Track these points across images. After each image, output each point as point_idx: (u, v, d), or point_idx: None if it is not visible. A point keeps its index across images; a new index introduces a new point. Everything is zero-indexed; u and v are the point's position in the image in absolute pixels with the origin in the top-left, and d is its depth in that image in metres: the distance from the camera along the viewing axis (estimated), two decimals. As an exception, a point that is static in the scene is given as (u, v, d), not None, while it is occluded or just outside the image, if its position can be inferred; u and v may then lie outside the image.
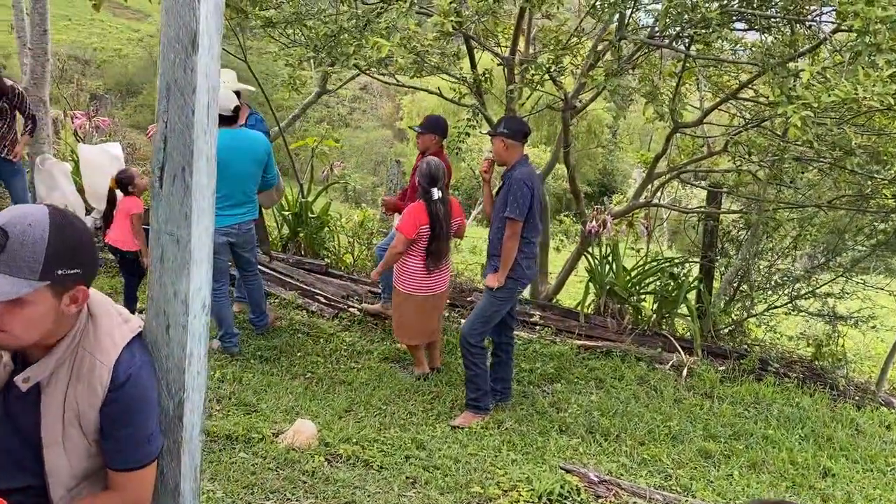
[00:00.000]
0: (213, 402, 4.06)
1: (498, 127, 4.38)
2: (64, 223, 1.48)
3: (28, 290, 1.41)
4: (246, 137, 4.65)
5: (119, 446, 1.59)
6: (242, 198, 4.65)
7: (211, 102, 1.62)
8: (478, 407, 4.38)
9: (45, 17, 6.41)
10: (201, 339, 1.74)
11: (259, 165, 4.68)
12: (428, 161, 4.77)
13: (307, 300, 5.96)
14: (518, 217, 4.16)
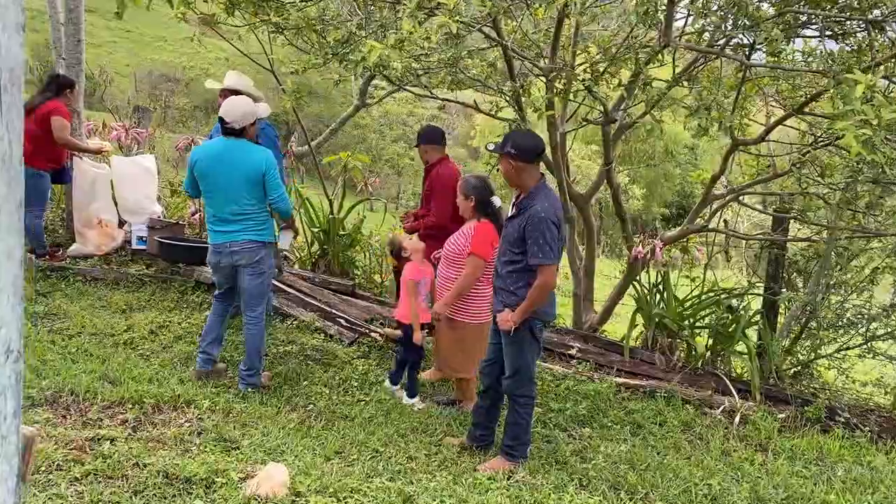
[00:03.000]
0: (192, 436, 3.72)
1: (505, 145, 3.72)
2: None
3: None
4: (239, 149, 4.24)
5: None
6: (231, 216, 4.27)
7: (6, 86, 1.24)
8: (513, 455, 3.89)
9: (79, 27, 6.34)
10: (7, 392, 1.35)
11: (251, 183, 4.22)
12: (467, 178, 4.47)
13: (327, 322, 5.60)
14: (551, 262, 3.61)
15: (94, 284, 5.81)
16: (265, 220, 4.38)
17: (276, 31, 4.73)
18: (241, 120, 4.23)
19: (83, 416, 3.76)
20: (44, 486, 2.99)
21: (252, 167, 4.20)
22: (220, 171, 4.21)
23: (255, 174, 4.20)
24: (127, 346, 4.79)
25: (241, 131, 4.26)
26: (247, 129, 4.28)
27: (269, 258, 4.44)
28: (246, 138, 4.28)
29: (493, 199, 4.46)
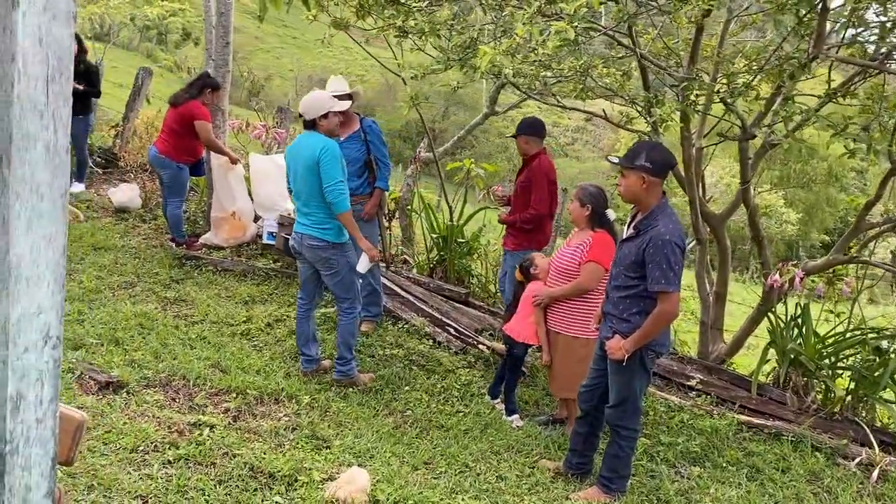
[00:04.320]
0: (287, 431, 3.78)
1: (636, 158, 3.44)
2: None
3: None
4: (307, 140, 4.33)
5: None
6: (302, 207, 4.39)
7: (54, 75, 1.25)
8: (610, 488, 3.67)
9: (227, 30, 6.70)
10: (44, 378, 1.37)
11: (309, 170, 4.24)
12: (585, 186, 4.32)
13: (436, 329, 5.56)
14: (673, 288, 3.35)
15: (223, 275, 6.10)
16: (327, 216, 4.32)
17: (401, 35, 4.76)
18: (309, 111, 4.31)
19: (190, 401, 3.92)
20: (138, 466, 3.12)
21: (310, 154, 4.23)
22: (293, 162, 4.36)
23: (312, 160, 4.22)
24: (243, 337, 4.96)
25: (313, 123, 4.33)
26: (318, 122, 4.33)
27: (341, 256, 4.41)
28: (319, 131, 4.33)
29: (608, 211, 4.27)
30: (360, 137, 5.06)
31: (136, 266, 5.92)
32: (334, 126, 4.37)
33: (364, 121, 5.07)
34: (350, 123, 5.04)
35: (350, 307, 4.47)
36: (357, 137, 5.06)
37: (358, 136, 5.06)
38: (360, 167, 5.06)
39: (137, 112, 9.33)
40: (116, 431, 3.35)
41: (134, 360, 4.25)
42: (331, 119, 4.31)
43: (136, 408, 3.68)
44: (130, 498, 2.89)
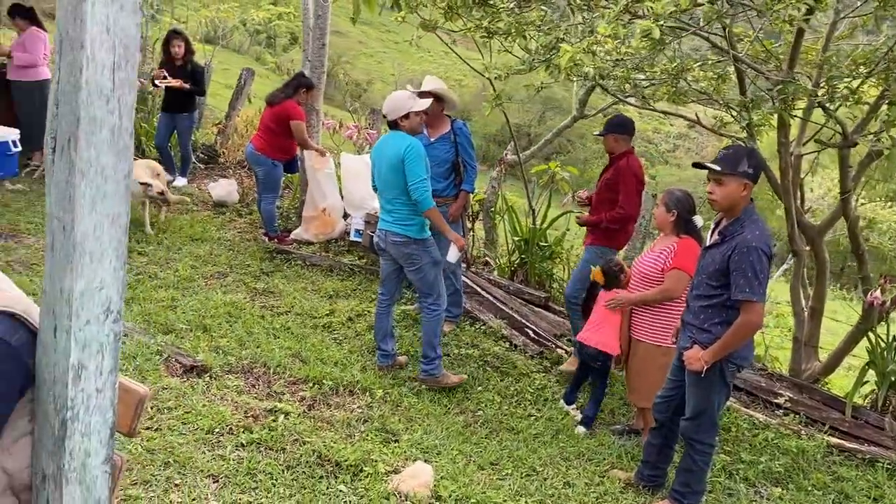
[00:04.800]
0: (358, 422, 3.85)
1: (738, 164, 3.24)
2: None
3: None
4: (391, 140, 4.39)
5: None
6: (386, 204, 4.46)
7: (120, 63, 1.32)
8: (681, 502, 3.55)
9: (324, 32, 6.90)
10: (105, 350, 1.45)
11: (393, 170, 4.29)
12: (672, 190, 4.20)
13: (514, 332, 5.53)
14: (758, 298, 3.19)
15: (311, 269, 6.27)
16: (410, 213, 4.36)
17: (487, 36, 4.76)
18: (391, 112, 4.37)
19: (268, 388, 4.05)
20: (213, 447, 3.25)
21: (394, 154, 4.28)
22: (378, 160, 4.45)
23: (397, 161, 4.26)
24: (324, 330, 5.09)
25: (395, 123, 4.37)
26: (399, 122, 4.37)
27: (424, 252, 4.42)
28: (403, 130, 4.37)
29: (695, 217, 4.12)
30: (450, 139, 5.08)
31: (230, 258, 6.17)
32: (416, 125, 4.41)
33: (455, 123, 5.09)
34: (441, 125, 5.08)
35: (434, 304, 4.50)
36: (447, 139, 5.08)
37: (448, 138, 5.08)
38: (448, 169, 5.08)
39: (239, 111, 9.72)
40: (195, 413, 3.51)
41: (219, 346, 4.43)
42: (412, 119, 4.36)
43: (216, 391, 3.84)
44: (203, 476, 3.01)
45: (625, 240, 5.10)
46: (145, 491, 2.84)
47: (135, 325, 4.47)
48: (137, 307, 4.79)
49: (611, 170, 4.92)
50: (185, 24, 19.04)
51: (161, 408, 3.51)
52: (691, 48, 7.44)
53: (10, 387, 1.43)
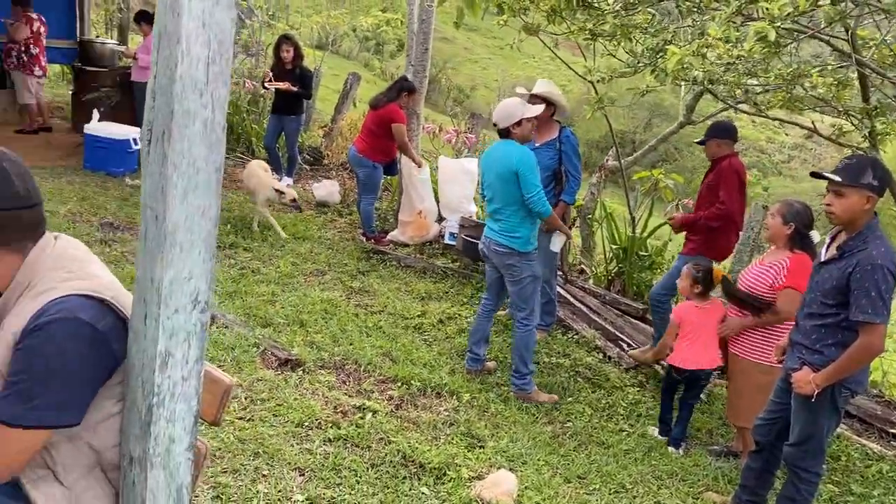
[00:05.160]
0: (444, 425, 3.83)
1: (861, 175, 2.99)
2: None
3: None
4: (502, 149, 4.29)
5: (3, 393, 1.44)
6: (492, 213, 4.38)
7: (214, 57, 1.35)
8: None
9: (427, 36, 6.96)
10: (191, 338, 1.48)
11: (503, 180, 4.20)
12: (790, 202, 3.97)
13: (608, 343, 5.38)
14: (881, 320, 2.94)
15: (405, 270, 6.33)
16: (517, 225, 4.27)
17: (591, 39, 4.65)
18: (502, 120, 4.28)
19: (358, 385, 4.10)
20: (301, 440, 3.31)
21: (505, 165, 4.19)
22: (487, 169, 4.37)
23: (508, 172, 4.17)
24: (415, 331, 5.11)
25: (507, 132, 4.29)
26: (511, 130, 4.28)
27: (525, 266, 4.33)
28: (515, 139, 4.29)
29: (812, 232, 3.87)
30: (556, 146, 4.98)
31: (329, 256, 6.31)
32: (528, 132, 4.32)
33: (563, 131, 4.98)
34: (548, 130, 4.99)
35: (527, 318, 4.42)
36: (552, 146, 4.99)
37: (553, 145, 4.99)
38: (549, 176, 4.98)
39: (344, 114, 9.96)
40: (287, 406, 3.58)
41: (314, 341, 4.52)
42: (524, 126, 4.26)
43: (308, 386, 3.91)
44: (290, 469, 3.07)
45: (724, 251, 4.85)
46: (234, 479, 2.92)
47: (236, 317, 4.62)
48: (239, 300, 4.96)
49: (712, 173, 4.72)
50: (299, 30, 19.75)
51: (255, 399, 3.61)
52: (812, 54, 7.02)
53: (95, 370, 1.49)
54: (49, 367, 1.41)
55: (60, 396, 1.43)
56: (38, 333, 1.42)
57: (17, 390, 1.42)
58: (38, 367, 1.41)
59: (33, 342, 1.42)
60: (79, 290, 1.47)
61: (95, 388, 1.50)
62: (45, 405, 1.42)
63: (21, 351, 1.43)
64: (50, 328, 1.42)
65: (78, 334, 1.43)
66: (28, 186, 1.51)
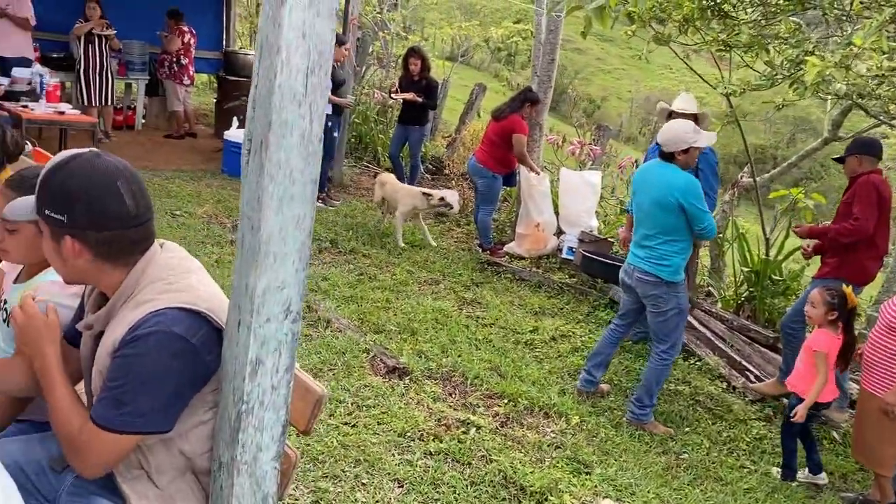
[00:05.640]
0: (550, 447, 3.71)
1: None
2: (69, 168, 1.46)
3: (23, 217, 1.57)
4: (662, 173, 4.02)
5: (100, 396, 1.50)
6: (641, 239, 4.12)
7: (313, 68, 1.34)
8: None
9: (554, 47, 6.87)
10: (282, 348, 1.48)
11: (660, 208, 3.96)
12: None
13: (733, 372, 5.05)
14: None
15: (519, 283, 6.24)
16: (668, 253, 4.02)
17: (724, 49, 4.39)
18: (670, 144, 4.02)
19: (464, 399, 4.05)
20: (402, 451, 3.30)
21: (665, 193, 3.94)
22: (642, 190, 4.13)
23: (668, 200, 3.92)
24: (526, 346, 5.01)
25: (671, 156, 4.06)
26: (676, 156, 4.03)
27: (672, 297, 4.07)
28: (677, 164, 4.03)
29: None
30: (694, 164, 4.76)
31: (443, 266, 6.33)
32: (692, 160, 4.08)
33: None
34: None
35: (666, 352, 4.19)
36: None
37: None
38: None
39: (468, 125, 10.01)
40: (391, 414, 3.59)
41: (423, 350, 4.53)
42: (691, 153, 4.02)
43: (413, 395, 3.91)
44: (389, 479, 3.06)
45: (862, 275, 4.43)
46: (334, 485, 2.94)
47: (350, 321, 4.71)
48: (355, 305, 5.05)
49: (849, 191, 4.34)
50: (432, 42, 20.10)
51: (361, 405, 3.65)
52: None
53: (186, 382, 1.52)
54: (142, 378, 1.45)
55: (151, 405, 1.47)
56: (134, 344, 1.46)
57: (112, 396, 1.47)
58: (132, 376, 1.46)
59: (129, 352, 1.46)
60: (176, 302, 1.50)
61: (187, 398, 1.53)
62: (135, 412, 1.46)
63: (118, 359, 1.48)
64: (147, 340, 1.45)
65: (172, 347, 1.46)
66: (139, 203, 1.54)
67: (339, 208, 7.54)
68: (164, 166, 7.84)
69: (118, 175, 1.51)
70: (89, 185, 1.47)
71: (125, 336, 1.47)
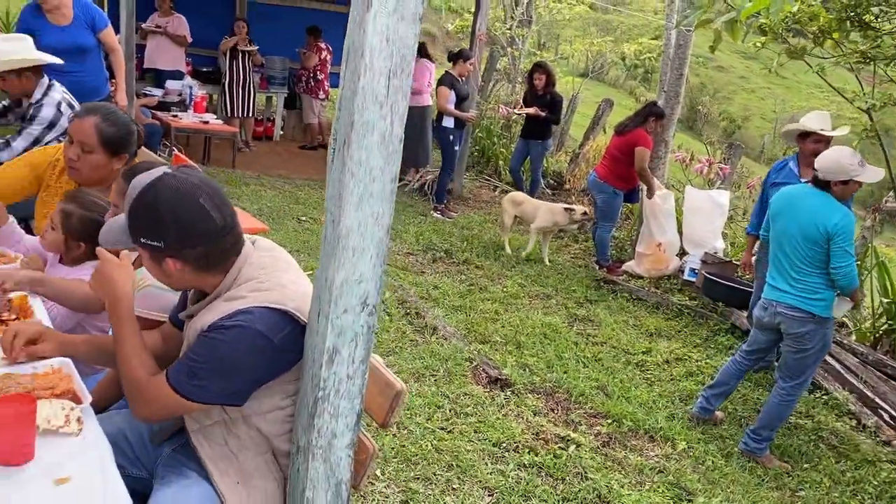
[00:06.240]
0: (651, 472, 3.59)
1: None
2: (153, 195, 1.56)
3: (121, 246, 1.68)
4: (813, 202, 3.72)
5: (180, 359, 1.62)
6: (783, 270, 3.81)
7: (395, 70, 1.39)
8: None
9: (683, 62, 6.67)
10: (358, 339, 1.54)
11: (808, 241, 3.67)
12: None
13: (864, 409, 4.68)
14: None
15: (635, 303, 6.08)
16: (819, 286, 3.72)
17: (863, 62, 4.09)
18: (829, 172, 3.72)
19: (566, 415, 3.99)
20: (496, 460, 3.30)
21: (816, 223, 3.65)
22: (786, 216, 3.83)
23: (818, 232, 3.64)
24: (636, 367, 4.87)
25: (826, 184, 3.80)
26: (833, 185, 3.72)
27: (819, 333, 3.77)
28: (832, 193, 3.74)
29: None
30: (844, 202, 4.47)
31: (557, 281, 6.27)
32: (849, 193, 3.81)
33: None
34: None
35: (794, 388, 3.91)
36: None
37: None
38: None
39: (592, 140, 9.89)
40: (488, 424, 3.60)
41: (527, 364, 4.51)
42: (850, 186, 3.74)
43: (513, 407, 3.90)
44: (480, 486, 3.07)
45: None
46: (425, 487, 2.98)
47: (456, 330, 4.76)
48: (463, 315, 5.11)
49: None
50: (567, 59, 20.04)
51: (458, 412, 3.68)
52: None
53: (261, 373, 1.62)
54: (219, 362, 1.57)
55: (221, 387, 1.59)
56: (220, 331, 1.57)
57: (189, 366, 1.60)
58: (210, 357, 1.57)
59: (215, 336, 1.57)
60: (264, 302, 1.59)
61: (261, 384, 1.63)
62: (206, 388, 1.58)
63: (203, 338, 1.59)
64: (231, 331, 1.56)
65: (254, 344, 1.56)
66: (224, 213, 1.63)
67: (457, 220, 7.65)
68: (297, 175, 8.26)
69: (199, 192, 1.59)
70: (176, 209, 1.56)
71: (215, 322, 1.59)
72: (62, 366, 1.76)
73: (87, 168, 2.60)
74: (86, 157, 2.60)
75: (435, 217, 7.59)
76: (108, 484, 1.40)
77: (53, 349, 1.80)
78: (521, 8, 12.11)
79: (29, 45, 3.75)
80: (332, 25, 9.78)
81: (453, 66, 7.73)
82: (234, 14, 9.71)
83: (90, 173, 2.62)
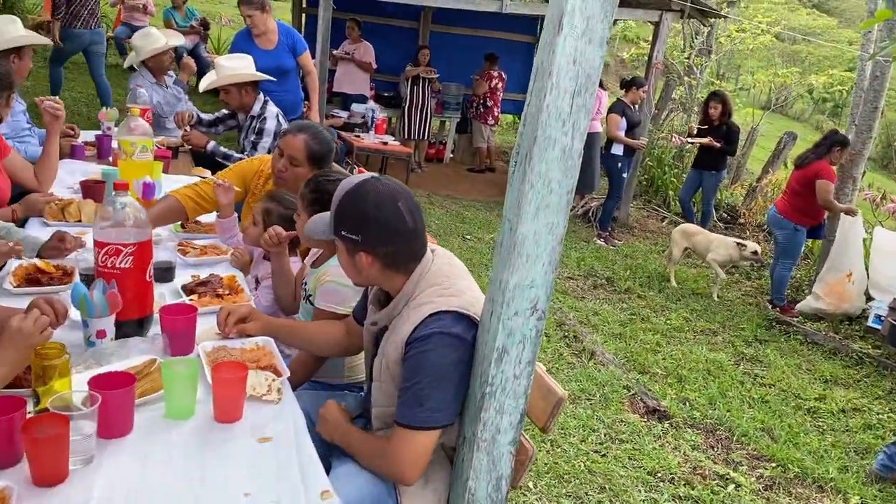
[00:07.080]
0: (780, 488, 3.37)
1: None
2: (359, 195, 1.68)
3: (323, 237, 1.79)
4: None
5: (401, 399, 1.67)
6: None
7: (580, 90, 1.49)
8: None
9: (880, 94, 6.21)
10: (526, 341, 1.64)
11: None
12: None
13: None
14: None
15: (809, 347, 5.71)
16: None
17: None
18: None
19: (726, 454, 3.85)
20: (649, 488, 3.25)
21: None
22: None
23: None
24: (807, 413, 4.58)
25: None
26: None
27: None
28: None
29: None
30: None
31: (725, 317, 6.03)
32: None
33: None
34: None
35: None
36: None
37: None
38: None
39: (772, 174, 9.41)
40: (643, 452, 3.55)
41: (688, 398, 4.38)
42: None
43: (670, 440, 3.81)
44: (631, 512, 3.04)
45: None
46: (575, 505, 3.01)
47: (615, 357, 4.73)
48: (623, 343, 5.05)
49: None
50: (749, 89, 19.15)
51: (613, 437, 3.66)
52: None
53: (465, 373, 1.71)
54: (433, 373, 1.64)
55: (444, 398, 1.66)
56: (419, 343, 1.65)
57: (412, 395, 1.64)
58: (424, 373, 1.64)
59: (416, 351, 1.66)
60: (452, 306, 1.68)
61: (466, 388, 1.72)
62: (434, 408, 1.65)
63: (409, 359, 1.68)
64: (431, 339, 1.64)
65: (454, 346, 1.65)
66: (416, 219, 1.75)
67: (620, 248, 7.56)
68: (463, 195, 8.55)
69: (399, 197, 1.72)
70: (378, 208, 1.69)
71: (410, 336, 1.67)
72: (265, 343, 2.00)
73: (292, 178, 2.90)
74: (293, 169, 2.91)
75: (598, 244, 7.55)
76: (301, 447, 1.59)
77: (259, 328, 2.03)
78: (702, 37, 11.79)
79: (250, 63, 4.24)
80: (505, 53, 10.06)
81: (625, 94, 7.69)
82: (416, 42, 10.24)
83: (294, 183, 2.93)
